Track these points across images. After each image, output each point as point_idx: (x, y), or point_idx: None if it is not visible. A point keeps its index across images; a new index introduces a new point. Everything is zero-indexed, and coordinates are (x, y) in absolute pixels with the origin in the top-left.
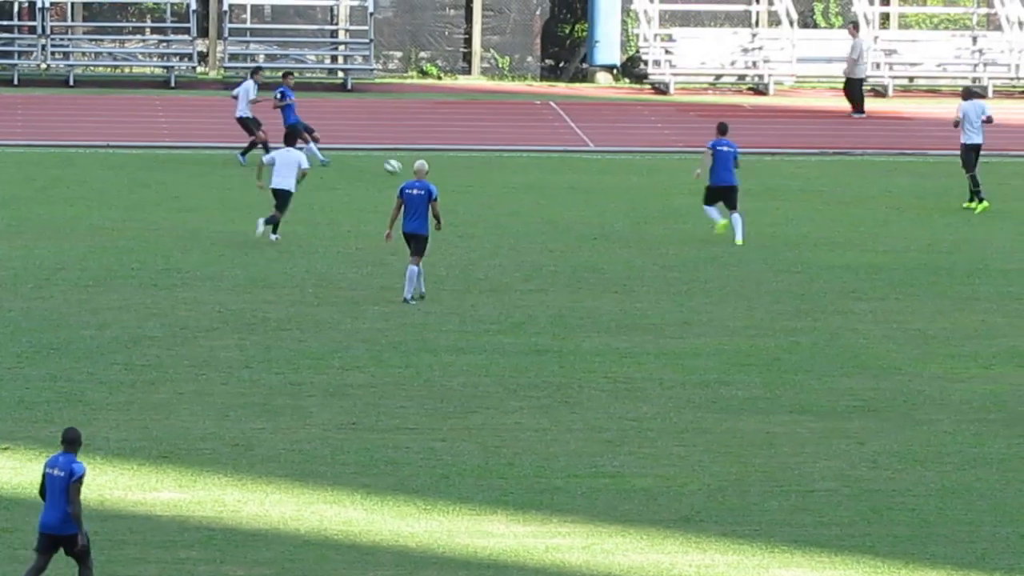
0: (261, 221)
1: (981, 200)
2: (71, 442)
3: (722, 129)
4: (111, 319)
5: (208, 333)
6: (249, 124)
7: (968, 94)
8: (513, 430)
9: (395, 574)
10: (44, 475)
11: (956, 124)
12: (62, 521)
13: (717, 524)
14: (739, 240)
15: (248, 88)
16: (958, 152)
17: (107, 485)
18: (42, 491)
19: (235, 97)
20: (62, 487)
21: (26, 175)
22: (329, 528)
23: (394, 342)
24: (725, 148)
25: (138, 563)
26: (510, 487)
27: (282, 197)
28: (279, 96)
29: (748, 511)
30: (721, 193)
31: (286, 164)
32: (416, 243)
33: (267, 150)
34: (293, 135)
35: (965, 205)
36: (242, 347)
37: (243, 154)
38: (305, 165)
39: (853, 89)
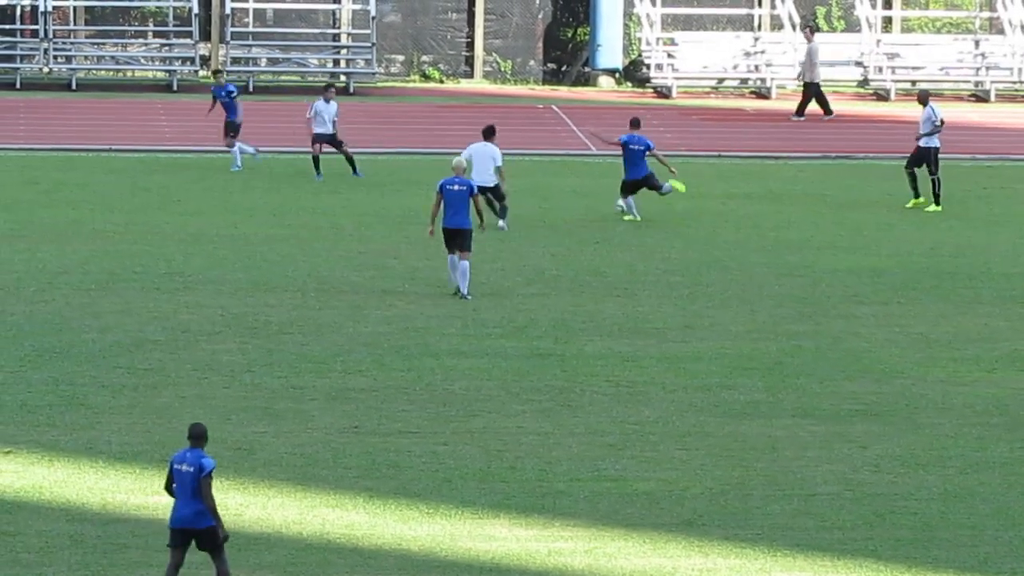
0: (501, 221)
1: (918, 197)
2: (197, 437)
3: (634, 123)
4: (113, 323)
5: (210, 337)
6: (334, 141)
7: (928, 98)
8: (515, 434)
9: None
10: (171, 471)
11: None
12: (196, 515)
13: (719, 528)
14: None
15: (319, 107)
16: (957, 156)
17: (110, 488)
18: (168, 487)
19: (312, 117)
20: (192, 482)
21: (28, 179)
22: (331, 532)
23: (396, 346)
24: (635, 146)
25: (140, 567)
26: (512, 491)
27: (486, 192)
28: (225, 94)
29: (750, 515)
30: (636, 185)
31: (482, 158)
32: (459, 238)
33: (317, 166)
34: (235, 129)
35: (929, 209)
36: (244, 351)
37: (354, 171)
38: (499, 162)
39: (811, 93)
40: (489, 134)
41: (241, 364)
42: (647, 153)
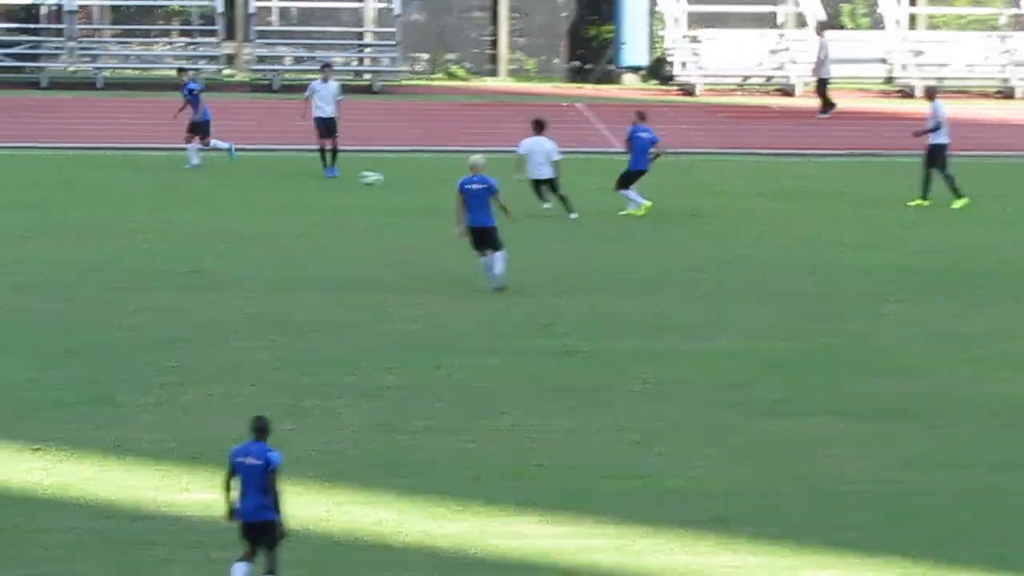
0: (568, 214)
1: (924, 198)
2: (261, 430)
3: (642, 116)
4: (140, 321)
5: (237, 335)
6: (332, 127)
7: (935, 95)
8: (543, 431)
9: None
10: (232, 464)
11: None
12: (258, 508)
13: (748, 525)
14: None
15: (316, 87)
16: (983, 153)
17: (138, 486)
18: (227, 482)
19: (308, 99)
20: (259, 476)
21: (54, 178)
22: (360, 529)
23: (423, 343)
24: (644, 135)
25: (169, 564)
26: (541, 488)
27: (543, 184)
28: (187, 92)
29: (779, 512)
30: (635, 177)
31: (540, 153)
32: (484, 236)
33: (324, 159)
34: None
35: (955, 204)
36: (271, 349)
37: (331, 166)
38: (556, 156)
39: (820, 89)
40: (541, 127)
41: (268, 362)
42: (653, 145)
